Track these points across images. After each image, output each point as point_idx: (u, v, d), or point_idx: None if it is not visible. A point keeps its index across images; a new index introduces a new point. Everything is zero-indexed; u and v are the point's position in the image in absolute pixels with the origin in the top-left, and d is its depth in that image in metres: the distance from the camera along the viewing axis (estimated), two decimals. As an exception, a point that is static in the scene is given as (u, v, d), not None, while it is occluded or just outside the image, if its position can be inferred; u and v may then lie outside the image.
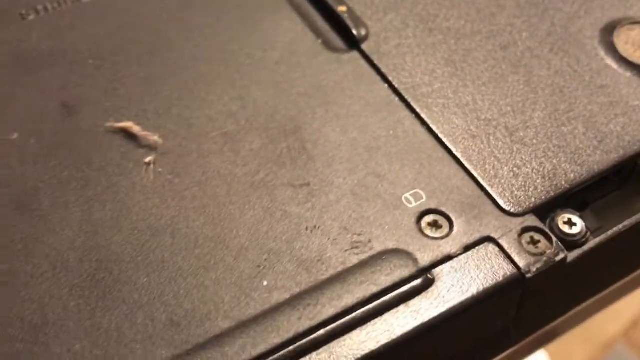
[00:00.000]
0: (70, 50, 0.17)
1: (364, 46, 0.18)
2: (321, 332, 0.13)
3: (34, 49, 0.18)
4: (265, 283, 0.13)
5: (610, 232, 0.15)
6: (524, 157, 0.15)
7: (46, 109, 0.16)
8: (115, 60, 0.17)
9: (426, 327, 0.13)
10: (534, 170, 0.15)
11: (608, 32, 0.18)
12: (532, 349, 0.18)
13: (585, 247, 0.14)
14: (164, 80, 0.17)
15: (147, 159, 0.15)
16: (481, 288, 0.13)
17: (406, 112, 0.16)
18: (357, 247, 0.14)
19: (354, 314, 0.13)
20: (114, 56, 0.17)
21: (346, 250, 0.14)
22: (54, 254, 0.14)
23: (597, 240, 0.14)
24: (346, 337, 0.13)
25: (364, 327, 0.13)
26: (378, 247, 0.14)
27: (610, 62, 0.17)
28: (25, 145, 0.15)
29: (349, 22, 0.18)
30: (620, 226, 0.15)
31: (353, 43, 0.18)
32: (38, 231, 0.14)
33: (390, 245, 0.14)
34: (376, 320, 0.13)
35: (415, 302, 0.13)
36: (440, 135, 0.16)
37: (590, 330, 0.90)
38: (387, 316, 0.13)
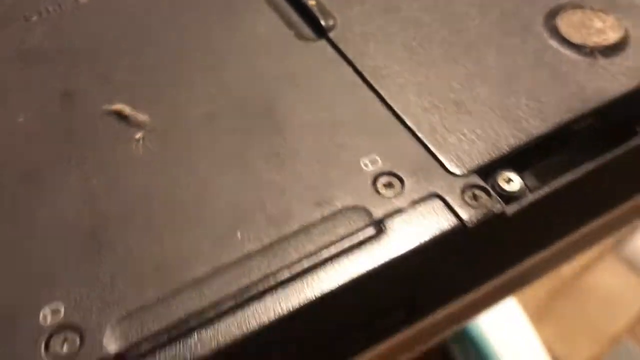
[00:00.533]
0: (69, 47, 0.20)
1: (332, 35, 0.20)
2: (286, 273, 0.15)
3: (37, 47, 0.20)
4: (239, 235, 0.15)
5: (546, 188, 0.16)
6: (469, 125, 0.17)
7: (48, 96, 0.18)
8: (109, 54, 0.19)
9: (378, 268, 0.15)
10: (478, 137, 0.17)
11: (552, 16, 0.20)
12: (497, 296, 0.20)
13: (523, 202, 0.16)
14: (153, 69, 0.19)
15: (137, 136, 0.17)
16: (427, 236, 0.15)
17: (368, 92, 0.18)
18: (320, 205, 0.16)
19: (315, 258, 0.15)
20: (108, 50, 0.19)
21: (310, 208, 0.16)
22: (56, 216, 0.16)
23: (534, 195, 0.16)
24: (308, 276, 0.15)
25: (324, 268, 0.15)
26: (339, 204, 0.16)
27: (553, 42, 0.19)
28: (30, 127, 0.18)
29: (318, 14, 0.20)
30: (556, 183, 0.16)
31: (322, 32, 0.20)
32: (41, 199, 0.16)
33: (349, 202, 0.16)
34: (334, 262, 0.15)
35: (368, 247, 0.15)
36: (397, 110, 0.18)
37: (596, 326, 0.91)
38: (344, 259, 0.15)
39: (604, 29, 0.19)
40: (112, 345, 0.14)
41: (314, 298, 0.14)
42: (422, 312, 0.17)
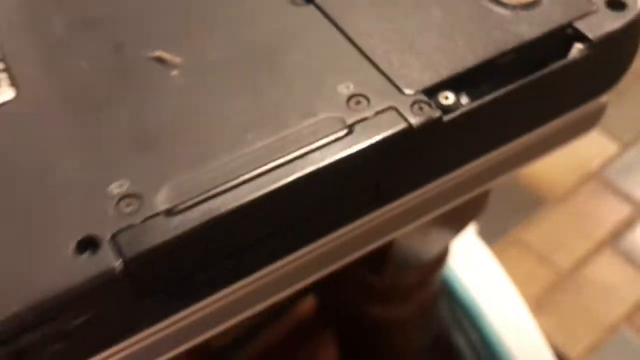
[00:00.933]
0: (115, 13, 0.26)
1: (318, 1, 0.26)
2: (280, 159, 0.21)
3: (91, 14, 0.26)
4: (249, 136, 0.21)
5: (475, 103, 0.22)
6: (418, 60, 0.23)
7: (104, 48, 0.25)
8: (149, 15, 0.26)
9: (349, 156, 0.21)
10: (425, 67, 0.23)
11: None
12: (451, 195, 0.26)
13: (456, 112, 0.22)
14: (182, 26, 0.25)
15: (173, 73, 0.23)
16: (384, 134, 0.21)
17: (343, 40, 0.24)
18: (306, 117, 0.22)
19: (301, 150, 0.21)
20: (149, 13, 0.26)
21: (299, 118, 0.22)
22: (121, 128, 0.22)
23: (465, 108, 0.22)
24: (296, 161, 0.21)
25: (307, 156, 0.21)
26: (321, 115, 0.22)
27: (484, 2, 0.25)
28: (92, 70, 0.24)
29: (306, -14, 0.26)
30: (483, 99, 0.22)
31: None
32: (106, 118, 0.22)
33: (327, 115, 0.22)
34: (316, 152, 0.21)
35: (341, 142, 0.21)
36: (366, 52, 0.24)
37: (595, 316, 0.96)
38: (324, 150, 0.21)
39: (524, -9, 0.25)
40: (163, 205, 0.20)
41: (301, 176, 0.20)
42: (386, 197, 0.23)
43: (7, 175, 0.21)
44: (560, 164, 1.15)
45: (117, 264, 0.19)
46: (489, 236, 1.07)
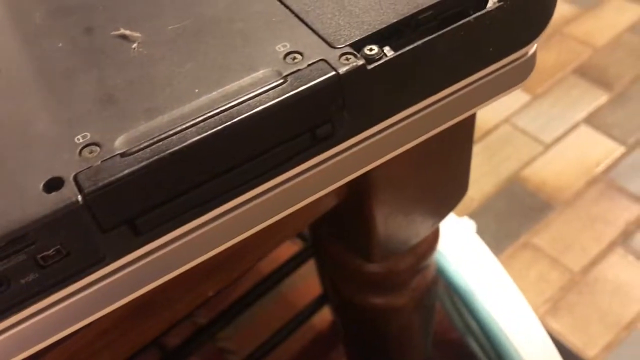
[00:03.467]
0: (86, 2, 0.29)
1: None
2: (214, 111, 0.23)
3: (68, 5, 0.29)
4: (196, 90, 0.24)
5: (396, 54, 0.25)
6: (346, 19, 0.26)
7: (76, 31, 0.28)
8: (115, 2, 0.29)
9: (285, 100, 0.24)
10: (352, 25, 0.26)
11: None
12: (386, 147, 0.28)
13: (379, 61, 0.25)
14: (143, 9, 0.28)
15: (133, 46, 0.27)
16: (315, 82, 0.24)
17: (279, 5, 0.27)
18: (245, 72, 0.25)
19: (243, 96, 0.24)
20: (114, 1, 0.29)
21: (240, 73, 0.25)
22: (90, 89, 0.25)
23: (387, 58, 0.25)
24: (230, 110, 0.23)
25: (250, 101, 0.23)
26: (260, 70, 0.25)
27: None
28: (66, 47, 0.27)
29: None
30: (407, 48, 0.25)
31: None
32: (77, 80, 0.25)
33: (265, 70, 0.25)
34: (258, 97, 0.24)
35: (279, 89, 0.24)
36: (300, 15, 0.27)
37: (610, 315, 0.97)
38: (264, 96, 0.24)
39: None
40: (119, 150, 0.23)
41: (240, 119, 0.23)
42: (324, 141, 0.26)
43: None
44: (567, 169, 1.17)
45: (78, 197, 0.22)
46: (500, 242, 1.09)
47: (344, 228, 0.51)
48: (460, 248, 0.65)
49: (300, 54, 0.25)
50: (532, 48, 0.29)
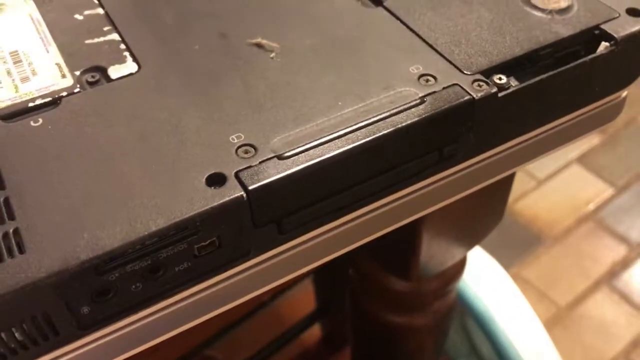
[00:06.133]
0: (220, 9, 0.31)
1: (386, 4, 0.31)
2: (360, 124, 0.25)
3: (198, 10, 0.31)
4: (340, 103, 0.26)
5: (521, 85, 0.27)
6: (476, 49, 0.28)
7: (210, 36, 0.29)
8: (245, 12, 0.30)
9: (423, 119, 0.25)
10: (482, 54, 0.28)
11: (526, -6, 0.31)
12: (510, 162, 0.30)
13: (509, 90, 0.27)
14: (278, 19, 0.30)
15: (271, 55, 0.28)
16: (452, 104, 0.26)
17: (410, 34, 0.29)
18: (387, 89, 0.27)
19: (384, 113, 0.25)
20: (244, 10, 0.31)
21: (381, 90, 0.26)
22: (237, 92, 0.26)
23: (515, 87, 0.27)
24: (375, 125, 0.25)
25: (386, 120, 0.25)
26: (398, 89, 0.27)
27: (527, 8, 0.30)
28: (202, 51, 0.29)
29: (375, -8, 0.31)
30: (533, 80, 0.27)
31: (378, 2, 0.31)
32: (219, 87, 0.27)
33: (402, 89, 0.27)
34: (392, 117, 0.25)
35: (415, 109, 0.26)
36: (432, 44, 0.28)
37: (593, 352, 0.99)
38: (402, 114, 0.25)
39: (558, 0, 0.30)
40: (274, 153, 0.24)
41: (385, 133, 0.25)
42: (447, 161, 0.28)
43: (145, 130, 0.25)
44: (559, 205, 1.21)
45: (242, 194, 0.23)
46: (490, 273, 1.12)
47: (384, 244, 0.52)
48: (478, 272, 0.67)
49: (434, 77, 0.27)
50: (625, 91, 0.31)
